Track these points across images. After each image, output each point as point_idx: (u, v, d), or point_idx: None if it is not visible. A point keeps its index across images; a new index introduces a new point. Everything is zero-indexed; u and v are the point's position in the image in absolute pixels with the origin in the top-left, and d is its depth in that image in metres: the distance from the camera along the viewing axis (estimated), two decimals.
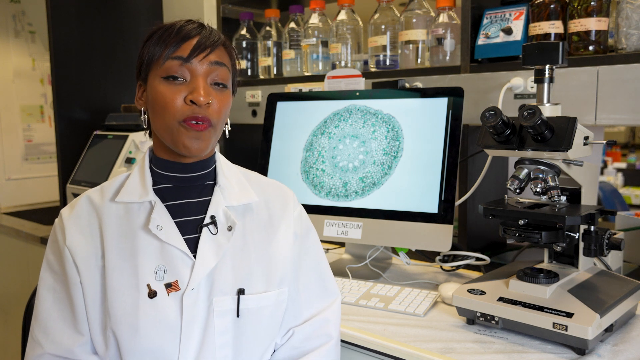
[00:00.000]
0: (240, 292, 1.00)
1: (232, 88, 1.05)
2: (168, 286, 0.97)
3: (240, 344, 1.00)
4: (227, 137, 1.09)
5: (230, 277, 1.00)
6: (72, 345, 0.98)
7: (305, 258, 1.11)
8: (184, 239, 1.00)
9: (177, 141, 0.98)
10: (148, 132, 1.09)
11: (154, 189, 1.03)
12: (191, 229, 1.02)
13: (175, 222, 1.01)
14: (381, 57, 1.77)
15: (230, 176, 1.09)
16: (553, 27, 1.40)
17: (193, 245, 1.00)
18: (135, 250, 0.98)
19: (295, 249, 1.09)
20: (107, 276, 0.97)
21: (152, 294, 0.95)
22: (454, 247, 1.50)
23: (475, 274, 1.54)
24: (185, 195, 1.04)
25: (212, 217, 1.02)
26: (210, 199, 1.05)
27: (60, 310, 1.00)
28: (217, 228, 1.02)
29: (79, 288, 0.98)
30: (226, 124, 1.07)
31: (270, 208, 1.09)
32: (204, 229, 1.01)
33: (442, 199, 1.41)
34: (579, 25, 1.35)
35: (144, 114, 1.05)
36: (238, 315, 0.99)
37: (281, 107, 1.70)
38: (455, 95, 1.44)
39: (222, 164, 1.10)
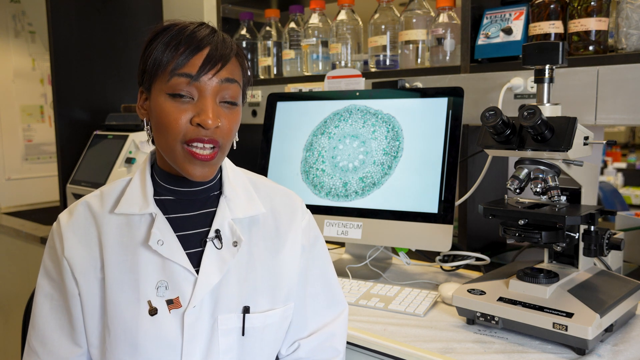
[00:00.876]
0: (246, 310, 0.96)
1: (243, 101, 0.98)
2: (169, 303, 0.93)
3: None
4: (235, 148, 1.01)
5: (235, 294, 0.96)
6: (69, 356, 0.96)
7: (312, 269, 1.07)
8: (187, 253, 0.95)
9: (180, 166, 0.92)
10: (151, 140, 1.00)
11: (155, 199, 0.98)
12: (194, 243, 0.97)
13: (177, 235, 0.96)
14: (381, 57, 1.77)
15: (237, 185, 1.03)
16: (553, 27, 1.40)
17: (196, 260, 0.96)
18: (136, 264, 0.93)
19: (303, 261, 1.05)
20: (107, 290, 0.93)
21: (153, 312, 0.92)
22: (454, 247, 1.50)
23: (475, 274, 1.54)
24: (189, 208, 0.99)
25: (217, 230, 0.97)
26: (215, 211, 0.99)
27: (58, 319, 0.97)
28: (221, 243, 0.96)
29: (78, 300, 0.95)
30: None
31: (277, 219, 1.04)
32: (208, 243, 0.96)
33: (442, 199, 1.41)
34: (579, 25, 1.35)
35: (147, 124, 0.97)
36: (243, 334, 0.96)
37: (281, 107, 1.70)
38: (455, 95, 1.44)
39: (229, 170, 1.04)
